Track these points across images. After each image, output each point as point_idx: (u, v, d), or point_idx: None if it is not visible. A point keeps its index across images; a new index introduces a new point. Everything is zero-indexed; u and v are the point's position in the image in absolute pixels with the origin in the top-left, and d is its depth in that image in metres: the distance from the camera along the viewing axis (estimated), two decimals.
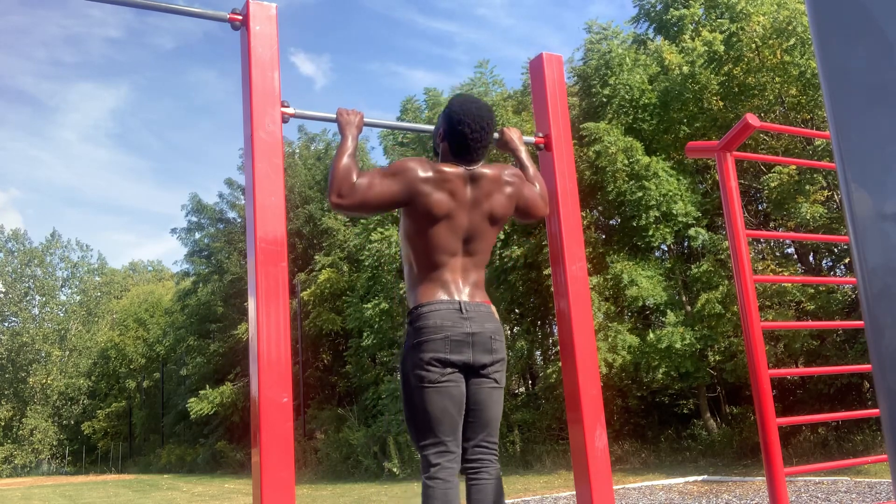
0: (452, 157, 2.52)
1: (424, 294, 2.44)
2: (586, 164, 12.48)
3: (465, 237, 2.49)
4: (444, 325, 2.37)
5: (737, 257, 3.26)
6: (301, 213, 22.71)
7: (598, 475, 2.73)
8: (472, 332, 2.40)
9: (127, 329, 40.60)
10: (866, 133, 0.76)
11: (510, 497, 9.21)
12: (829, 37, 0.80)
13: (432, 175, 2.43)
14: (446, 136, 2.52)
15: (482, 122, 2.49)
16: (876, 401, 1.21)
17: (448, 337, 2.36)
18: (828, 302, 10.72)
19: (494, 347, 2.46)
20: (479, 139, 2.49)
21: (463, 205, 2.47)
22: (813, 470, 3.52)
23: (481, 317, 2.45)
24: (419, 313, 2.41)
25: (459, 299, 2.44)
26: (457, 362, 2.38)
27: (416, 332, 2.40)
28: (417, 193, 2.41)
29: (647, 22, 15.12)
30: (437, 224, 2.43)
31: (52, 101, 74.58)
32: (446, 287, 2.46)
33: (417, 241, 2.46)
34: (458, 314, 2.41)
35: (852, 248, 0.77)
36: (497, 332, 2.49)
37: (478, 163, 2.54)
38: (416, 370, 2.37)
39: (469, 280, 2.51)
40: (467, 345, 2.39)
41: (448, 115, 2.52)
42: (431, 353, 2.35)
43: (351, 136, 2.55)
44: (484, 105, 2.55)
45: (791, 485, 7.63)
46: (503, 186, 2.57)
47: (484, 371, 2.45)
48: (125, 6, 2.71)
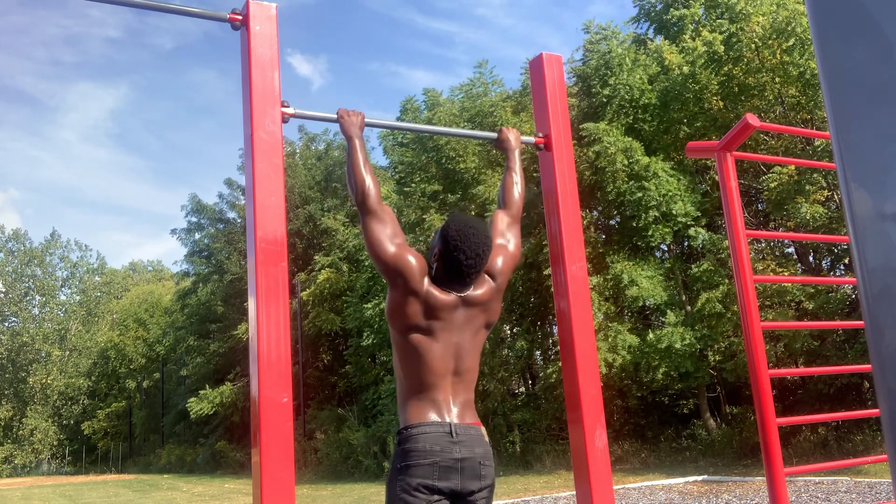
0: (445, 279, 2.47)
1: (415, 414, 2.41)
2: (586, 164, 12.48)
3: (455, 357, 2.46)
4: (434, 449, 2.35)
5: (737, 257, 3.26)
6: (301, 214, 22.71)
7: (598, 475, 2.73)
8: (462, 457, 2.37)
9: (127, 329, 40.61)
10: (866, 133, 0.76)
11: (510, 497, 9.21)
12: (829, 37, 0.80)
13: (425, 292, 2.40)
14: (441, 258, 2.47)
15: (478, 249, 2.44)
16: (876, 401, 1.21)
17: (436, 463, 2.34)
18: (828, 302, 10.72)
19: (483, 473, 2.42)
20: (473, 266, 2.43)
21: (451, 328, 2.45)
22: (813, 470, 3.52)
23: (471, 441, 2.42)
24: (408, 435, 2.38)
25: (450, 421, 2.41)
26: (444, 489, 2.35)
27: (404, 454, 2.37)
28: (407, 289, 2.39)
29: (647, 22, 15.13)
30: (427, 342, 2.42)
31: (51, 101, 74.62)
32: (437, 407, 2.43)
33: (406, 356, 2.44)
34: (448, 438, 2.38)
35: (852, 248, 0.77)
36: (486, 456, 2.45)
37: (471, 287, 2.50)
38: (402, 495, 2.34)
39: (459, 399, 2.47)
40: (456, 471, 2.36)
41: (444, 237, 2.45)
42: (419, 478, 2.33)
43: (358, 140, 2.55)
44: (482, 231, 2.49)
45: (791, 485, 7.63)
46: (492, 295, 2.54)
47: (471, 498, 2.42)
48: (125, 6, 2.71)
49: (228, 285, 24.72)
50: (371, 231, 2.42)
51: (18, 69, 66.02)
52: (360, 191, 2.45)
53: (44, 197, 78.89)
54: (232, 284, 24.50)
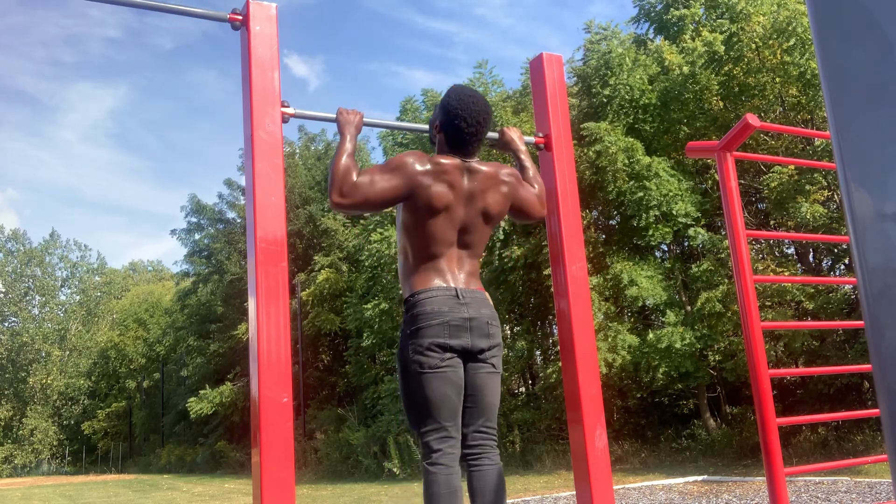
0: (448, 149, 2.54)
1: (421, 282, 2.46)
2: (586, 164, 12.48)
3: (460, 228, 2.51)
4: (442, 310, 2.39)
5: (737, 257, 3.26)
6: (301, 214, 22.72)
7: (598, 475, 2.73)
8: (470, 316, 2.42)
9: (127, 329, 40.59)
10: (866, 133, 0.76)
11: (510, 497, 9.21)
12: (829, 37, 0.80)
13: (430, 168, 2.45)
14: (443, 128, 2.54)
15: (478, 116, 2.50)
16: (876, 401, 1.21)
17: (446, 322, 2.38)
18: (828, 302, 10.72)
19: (491, 332, 2.48)
20: (474, 133, 2.51)
21: (460, 196, 2.50)
22: (813, 470, 3.52)
23: (477, 302, 2.48)
24: (416, 300, 2.42)
25: (455, 286, 2.46)
26: (456, 347, 2.39)
27: (413, 318, 2.41)
28: (417, 186, 2.43)
29: (647, 22, 15.13)
30: (435, 215, 2.46)
31: (51, 101, 74.61)
32: (442, 275, 2.48)
33: (415, 231, 2.48)
34: (455, 300, 2.42)
35: (852, 248, 0.77)
36: (493, 317, 2.51)
37: (473, 156, 2.56)
38: (415, 356, 2.37)
39: (464, 269, 2.53)
40: (465, 329, 2.41)
41: (445, 107, 2.54)
42: (430, 338, 2.36)
43: (350, 136, 2.56)
44: (481, 100, 2.56)
45: (791, 485, 7.63)
46: (499, 184, 2.59)
47: (482, 356, 2.47)
48: (125, 6, 2.71)
49: (228, 285, 24.72)
50: (371, 200, 2.42)
51: (18, 69, 66.06)
52: (340, 175, 2.41)
53: (42, 197, 78.91)
54: (232, 284, 24.50)
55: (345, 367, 19.71)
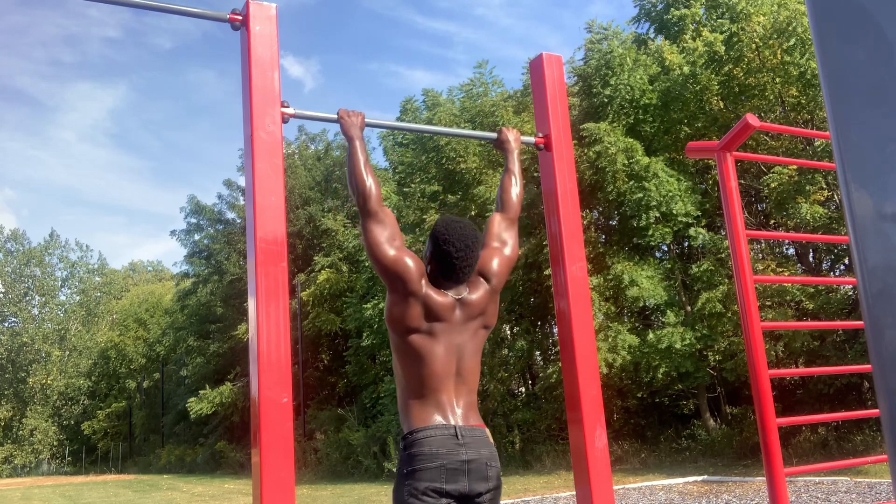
0: (441, 279, 2.49)
1: (419, 418, 2.41)
2: (586, 164, 12.48)
3: (456, 359, 2.47)
4: (440, 452, 2.34)
5: (737, 257, 3.26)
6: (301, 214, 22.72)
7: (598, 475, 2.73)
8: (468, 458, 2.37)
9: (127, 329, 40.60)
10: (866, 133, 0.76)
11: (510, 497, 9.21)
12: (829, 37, 0.80)
13: (424, 293, 2.41)
14: (433, 258, 2.49)
15: (467, 240, 2.46)
16: (876, 401, 1.21)
17: (443, 465, 2.33)
18: (828, 302, 10.72)
19: (489, 475, 2.42)
20: (464, 258, 2.45)
21: (453, 330, 2.46)
22: (813, 470, 3.52)
23: (477, 442, 2.42)
24: (414, 439, 2.38)
25: (455, 423, 2.41)
26: (452, 492, 2.35)
27: (410, 459, 2.36)
28: (410, 288, 2.39)
29: (647, 22, 15.13)
30: (428, 344, 2.42)
31: (50, 101, 74.65)
32: (441, 410, 2.43)
33: (411, 361, 2.44)
34: (454, 440, 2.37)
35: (852, 248, 0.77)
36: (492, 458, 2.45)
37: (464, 283, 2.51)
38: (410, 499, 2.33)
39: (462, 402, 2.47)
40: (463, 473, 2.36)
41: (433, 236, 2.50)
42: (427, 482, 2.32)
43: (359, 140, 2.56)
44: (468, 224, 2.53)
45: (791, 485, 7.63)
46: (490, 296, 2.56)
47: (479, 500, 2.42)
48: (125, 6, 2.71)
49: (228, 286, 24.73)
50: (370, 233, 2.42)
51: (17, 69, 66.06)
52: (360, 192, 2.45)
53: (41, 197, 78.90)
54: (232, 285, 24.51)
55: (345, 367, 19.72)
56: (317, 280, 19.68)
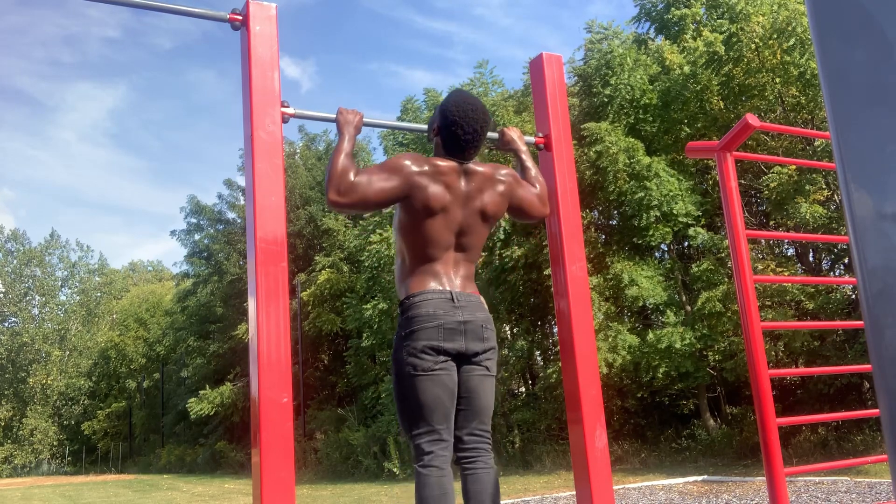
0: (445, 153, 2.56)
1: (416, 284, 2.47)
2: (587, 164, 12.48)
3: (457, 231, 2.52)
4: (437, 313, 2.40)
5: (737, 257, 3.26)
6: (302, 214, 22.72)
7: (598, 475, 2.73)
8: (465, 320, 2.44)
9: (127, 329, 40.59)
10: (866, 133, 0.76)
11: (510, 497, 9.21)
12: (829, 37, 0.80)
13: (427, 169, 2.47)
14: (440, 132, 2.55)
15: (476, 124, 2.51)
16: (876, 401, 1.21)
17: (441, 325, 2.39)
18: (828, 302, 10.72)
19: (486, 336, 2.49)
20: (471, 141, 2.51)
21: (457, 199, 2.51)
22: (813, 470, 3.52)
23: (472, 306, 2.49)
24: (411, 303, 2.43)
25: (451, 289, 2.47)
26: (450, 350, 2.40)
27: (408, 321, 2.42)
28: (414, 187, 2.44)
29: (647, 22, 15.13)
30: (432, 217, 2.47)
31: (50, 101, 74.63)
32: (438, 278, 2.49)
33: (411, 233, 2.50)
34: (450, 303, 2.44)
35: (852, 248, 0.77)
36: (488, 321, 2.52)
37: (470, 160, 2.56)
38: (409, 358, 2.39)
39: (459, 272, 2.54)
40: (460, 333, 2.42)
41: (443, 112, 2.55)
42: (425, 341, 2.37)
43: (348, 136, 2.56)
44: (479, 106, 2.56)
45: (791, 485, 7.63)
46: (496, 184, 2.60)
47: (476, 359, 2.48)
48: (126, 6, 2.71)
49: (228, 286, 24.72)
50: (368, 199, 2.43)
51: (17, 69, 66.06)
52: (338, 174, 2.42)
53: (40, 197, 78.86)
54: (232, 285, 24.50)
55: (345, 368, 19.72)
56: (317, 280, 19.68)
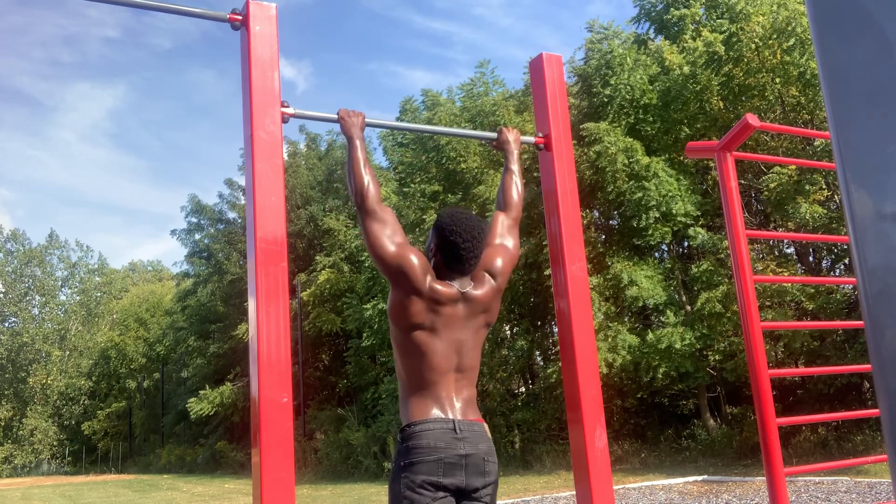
0: (446, 270, 2.49)
1: (417, 411, 2.41)
2: (586, 164, 12.48)
3: (457, 354, 2.47)
4: (438, 445, 2.34)
5: (737, 257, 3.26)
6: (302, 214, 22.72)
7: (598, 475, 2.73)
8: (466, 453, 2.37)
9: (127, 329, 40.60)
10: (866, 133, 0.76)
11: (510, 497, 9.21)
12: (829, 37, 0.80)
13: (428, 287, 2.40)
14: (439, 249, 2.49)
15: (473, 231, 2.46)
16: (876, 401, 1.21)
17: (441, 459, 2.33)
18: (828, 302, 10.72)
19: (487, 470, 2.43)
20: (471, 249, 2.45)
21: (457, 323, 2.45)
22: (813, 470, 3.52)
23: (475, 437, 2.42)
24: (412, 432, 2.37)
25: (453, 417, 2.41)
26: (449, 486, 2.35)
27: (407, 451, 2.36)
28: (413, 284, 2.38)
29: (647, 22, 15.13)
30: (429, 339, 2.41)
31: (49, 101, 74.61)
32: (440, 404, 2.42)
33: (411, 355, 2.44)
34: (452, 434, 2.37)
35: (852, 248, 0.77)
36: (490, 453, 2.45)
37: (470, 274, 2.51)
38: (406, 492, 2.33)
39: (462, 396, 2.47)
40: (460, 468, 2.36)
41: (439, 227, 2.49)
42: (424, 475, 2.32)
43: (359, 140, 2.56)
44: (473, 216, 2.53)
45: (791, 485, 7.63)
46: (494, 294, 2.55)
47: (476, 494, 2.42)
48: (126, 6, 2.71)
49: (228, 286, 24.72)
50: (371, 231, 2.42)
51: (16, 69, 66.02)
52: (359, 191, 2.45)
53: (38, 197, 78.76)
54: (232, 285, 24.50)
55: (345, 368, 19.72)
56: (317, 280, 19.68)
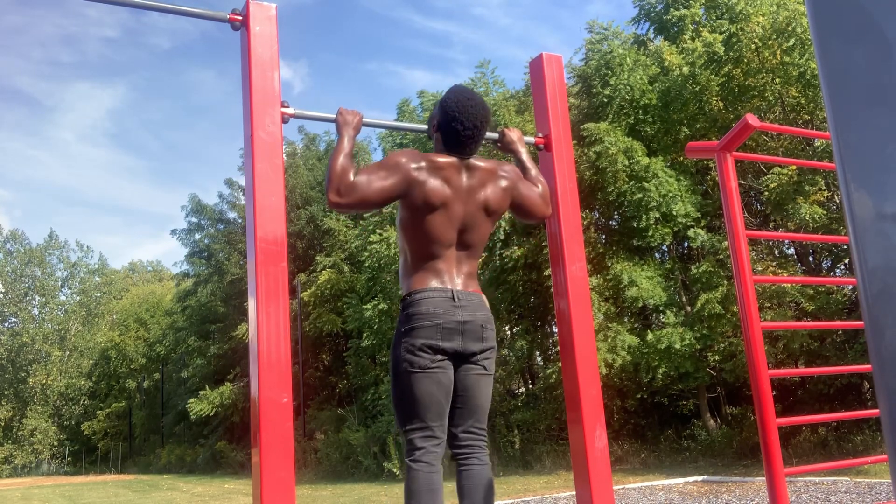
0: (445, 149, 2.55)
1: (417, 282, 2.48)
2: (586, 164, 12.48)
3: (459, 227, 2.52)
4: (437, 312, 2.41)
5: (737, 258, 3.26)
6: (302, 214, 22.72)
7: (598, 475, 2.73)
8: (464, 319, 2.44)
9: (127, 329, 40.59)
10: (866, 133, 0.76)
11: (510, 497, 9.21)
12: (829, 37, 0.80)
13: (425, 164, 2.47)
14: (440, 128, 2.55)
15: (476, 120, 2.51)
16: (876, 401, 1.21)
17: (440, 324, 2.40)
18: (827, 302, 10.72)
19: (485, 336, 2.50)
20: (471, 136, 2.51)
21: (458, 194, 2.50)
22: (813, 470, 3.52)
23: (473, 305, 2.49)
24: (412, 300, 2.44)
25: (452, 288, 2.48)
26: (447, 350, 2.41)
27: (408, 318, 2.43)
28: (414, 182, 2.44)
29: (647, 22, 15.13)
30: (433, 213, 2.47)
31: (49, 101, 74.57)
32: (439, 276, 2.49)
33: (412, 230, 2.50)
34: (451, 302, 2.44)
35: (852, 248, 0.77)
36: (488, 320, 2.52)
37: (470, 156, 2.56)
38: (406, 355, 2.40)
39: (462, 270, 2.54)
40: (458, 332, 2.42)
41: (443, 108, 2.55)
42: (423, 339, 2.39)
43: (347, 136, 2.56)
44: (479, 102, 2.56)
45: (791, 485, 7.63)
46: (498, 179, 2.60)
47: (473, 359, 2.49)
48: (126, 6, 2.71)
49: (229, 286, 24.72)
50: (368, 199, 2.44)
51: (16, 69, 65.98)
52: (338, 175, 2.44)
53: (39, 197, 78.69)
54: (232, 285, 24.50)
55: (345, 368, 19.71)
56: (318, 280, 19.68)
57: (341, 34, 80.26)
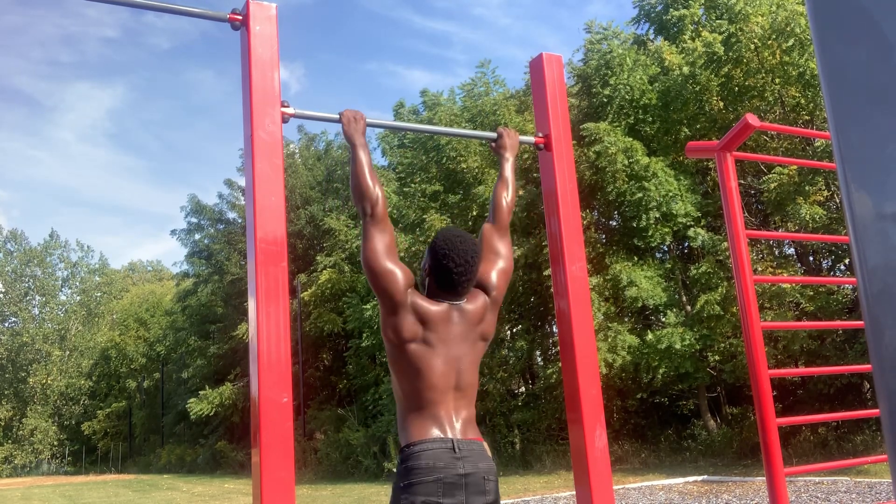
0: (438, 291, 2.49)
1: (416, 432, 2.40)
2: (586, 164, 12.48)
3: (455, 372, 2.46)
4: (437, 465, 2.33)
5: (737, 258, 3.26)
6: (302, 214, 22.72)
7: (598, 475, 2.73)
8: (466, 472, 2.36)
9: (127, 329, 40.60)
10: (866, 133, 0.76)
11: (510, 497, 9.21)
12: (829, 37, 0.80)
13: (410, 302, 2.40)
14: (432, 272, 2.49)
15: (467, 255, 2.45)
16: (876, 401, 1.21)
17: (440, 479, 2.32)
18: (827, 302, 10.72)
19: (487, 489, 2.41)
20: (464, 273, 2.44)
21: (450, 341, 2.44)
22: (813, 470, 3.52)
23: (474, 456, 2.41)
24: (411, 452, 2.37)
25: (452, 437, 2.40)
26: None
27: (407, 472, 2.35)
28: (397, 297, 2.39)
29: (647, 22, 15.13)
30: (425, 358, 2.40)
31: (48, 101, 74.54)
32: (439, 424, 2.42)
33: (408, 376, 2.43)
34: (451, 454, 2.36)
35: (852, 248, 0.77)
36: (490, 471, 2.44)
37: (463, 297, 2.50)
38: None
39: (460, 415, 2.46)
40: (460, 487, 2.35)
41: (434, 249, 2.48)
42: (423, 496, 2.31)
43: (362, 146, 2.55)
44: (469, 239, 2.51)
45: (791, 485, 7.63)
46: (486, 308, 2.55)
47: None
48: (125, 6, 2.71)
49: (229, 286, 24.73)
50: (372, 240, 2.42)
51: (15, 69, 65.93)
52: (367, 198, 2.43)
53: (38, 197, 78.65)
54: (232, 285, 24.51)
55: (345, 368, 19.72)
56: (318, 280, 19.68)
57: (341, 34, 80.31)
